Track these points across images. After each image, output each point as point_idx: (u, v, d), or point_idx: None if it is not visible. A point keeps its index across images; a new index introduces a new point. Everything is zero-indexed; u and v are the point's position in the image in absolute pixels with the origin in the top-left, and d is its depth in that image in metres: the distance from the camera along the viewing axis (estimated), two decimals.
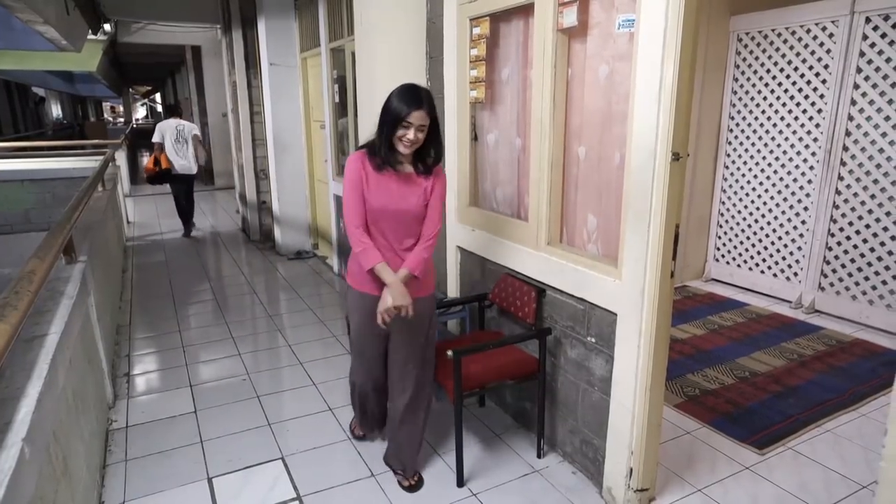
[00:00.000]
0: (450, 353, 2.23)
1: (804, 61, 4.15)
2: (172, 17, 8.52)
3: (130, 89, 32.92)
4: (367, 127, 3.43)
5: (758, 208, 4.64)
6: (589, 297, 2.26)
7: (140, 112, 45.70)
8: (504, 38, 2.74)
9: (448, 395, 2.37)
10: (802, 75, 4.17)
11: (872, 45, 3.74)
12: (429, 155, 2.17)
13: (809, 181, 4.23)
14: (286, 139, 6.03)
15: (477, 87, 2.84)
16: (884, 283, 3.87)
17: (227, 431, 2.85)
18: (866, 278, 3.97)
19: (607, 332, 2.21)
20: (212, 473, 2.52)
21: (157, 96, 34.17)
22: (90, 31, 8.10)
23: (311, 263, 5.98)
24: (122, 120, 36.45)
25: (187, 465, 2.58)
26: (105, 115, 40.69)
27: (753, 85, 4.52)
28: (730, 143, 4.78)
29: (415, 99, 2.02)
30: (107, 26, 8.76)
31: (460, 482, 2.41)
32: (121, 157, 9.74)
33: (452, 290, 3.30)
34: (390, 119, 2.04)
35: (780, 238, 4.50)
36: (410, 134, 2.03)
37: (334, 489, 2.41)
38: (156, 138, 6.84)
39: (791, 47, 4.22)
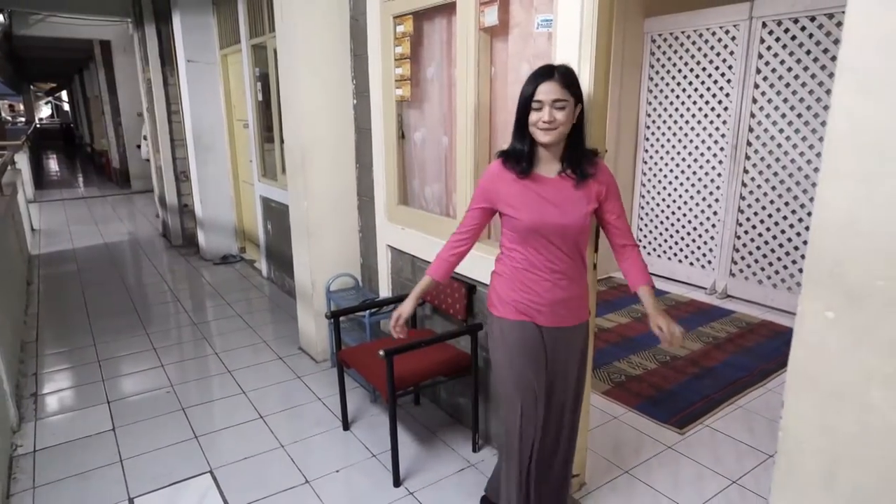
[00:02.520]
0: (381, 352, 2.22)
1: (711, 62, 4.42)
2: (76, 8, 7.96)
3: (32, 86, 30.48)
4: (292, 126, 3.36)
5: (674, 201, 4.90)
6: None
7: (44, 111, 42.42)
8: (428, 36, 2.75)
9: (382, 396, 2.35)
10: (710, 75, 4.44)
11: (769, 48, 4.04)
12: (580, 153, 1.69)
13: (719, 174, 4.51)
14: (208, 139, 5.78)
15: (402, 84, 2.84)
16: (785, 267, 4.20)
17: (149, 448, 2.70)
18: (770, 264, 4.28)
19: None
20: (133, 493, 2.39)
21: (64, 94, 31.84)
22: None
23: (239, 268, 5.77)
24: (22, 119, 33.72)
25: (106, 487, 2.43)
26: (2, 114, 37.51)
27: (667, 84, 4.77)
28: (647, 140, 5.02)
29: (542, 72, 1.59)
30: None
31: (397, 482, 2.41)
32: (22, 160, 9.01)
33: (384, 290, 3.29)
34: (519, 106, 1.63)
35: (694, 229, 4.78)
36: (545, 114, 1.56)
37: (268, 499, 2.34)
38: None
39: (699, 49, 4.48)
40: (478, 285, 2.55)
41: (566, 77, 1.59)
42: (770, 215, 4.22)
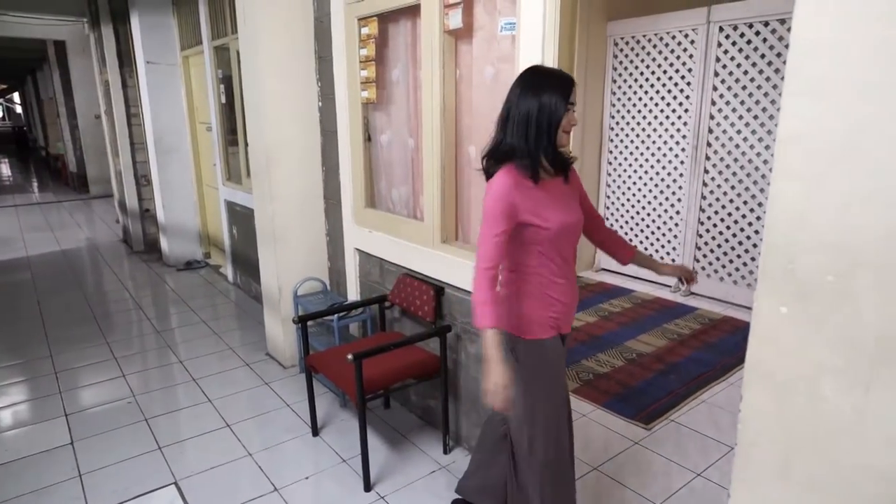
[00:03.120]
0: (349, 356, 2.20)
1: (672, 65, 4.53)
2: (28, 7, 7.68)
3: None
4: (256, 129, 3.31)
5: (638, 201, 5.00)
6: None
7: None
8: (393, 39, 2.75)
9: (351, 400, 2.34)
10: (671, 78, 4.55)
11: (726, 51, 4.16)
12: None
13: (681, 174, 4.62)
14: (169, 142, 5.65)
15: (368, 87, 2.83)
16: (744, 264, 4.33)
17: (110, 461, 2.62)
18: (731, 261, 4.41)
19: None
20: None
21: (16, 96, 30.65)
22: None
23: (204, 273, 5.65)
24: None
25: (64, 503, 2.34)
26: None
27: (630, 86, 4.87)
28: (612, 141, 5.11)
29: (568, 78, 1.60)
30: None
31: (367, 486, 2.39)
32: None
33: (352, 294, 3.26)
34: (550, 114, 1.56)
35: (658, 228, 4.89)
36: (573, 117, 1.61)
37: None
38: None
39: (660, 52, 4.59)
40: (446, 287, 2.55)
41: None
42: (730, 214, 4.35)
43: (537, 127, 1.58)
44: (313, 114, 3.36)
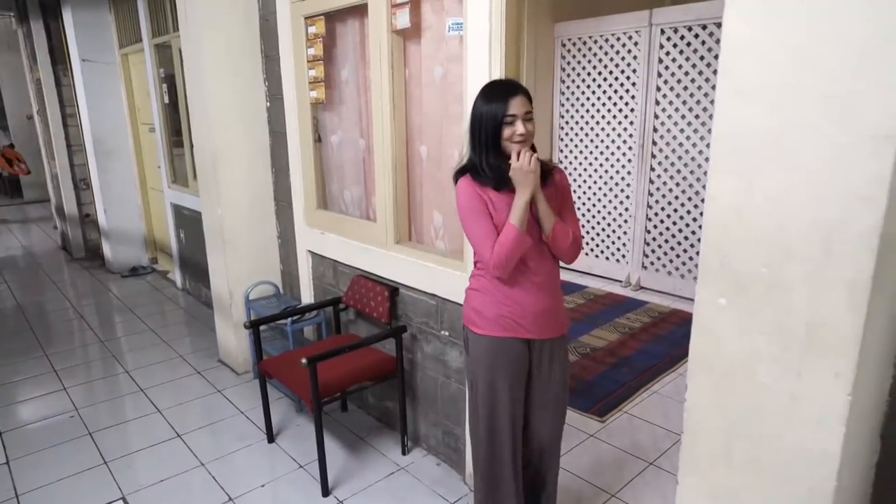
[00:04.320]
0: (303, 360, 2.17)
1: (617, 66, 4.65)
2: None
3: None
4: (202, 130, 3.21)
5: (589, 199, 5.11)
6: (440, 293, 2.32)
7: None
8: (341, 38, 2.72)
9: (307, 405, 2.30)
10: (616, 78, 4.67)
11: (667, 53, 4.30)
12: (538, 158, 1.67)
13: (629, 172, 4.75)
14: (110, 144, 5.42)
15: (316, 87, 2.79)
16: (690, 259, 4.49)
17: (50, 479, 2.49)
18: (677, 256, 4.57)
19: (460, 324, 2.29)
20: None
21: None
22: None
23: (150, 279, 5.45)
24: None
25: None
26: None
27: (578, 87, 4.97)
28: (561, 140, 5.21)
29: (508, 87, 1.62)
30: None
31: (325, 492, 2.36)
32: None
33: (306, 296, 3.21)
34: (488, 124, 1.60)
35: (608, 225, 5.01)
36: (519, 127, 1.59)
37: None
38: None
39: (606, 53, 4.70)
40: (400, 287, 2.54)
41: (526, 90, 1.64)
42: (675, 210, 4.50)
43: (479, 136, 1.63)
44: (261, 114, 3.29)
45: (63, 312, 4.63)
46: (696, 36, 4.11)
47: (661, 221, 4.60)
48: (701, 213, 4.34)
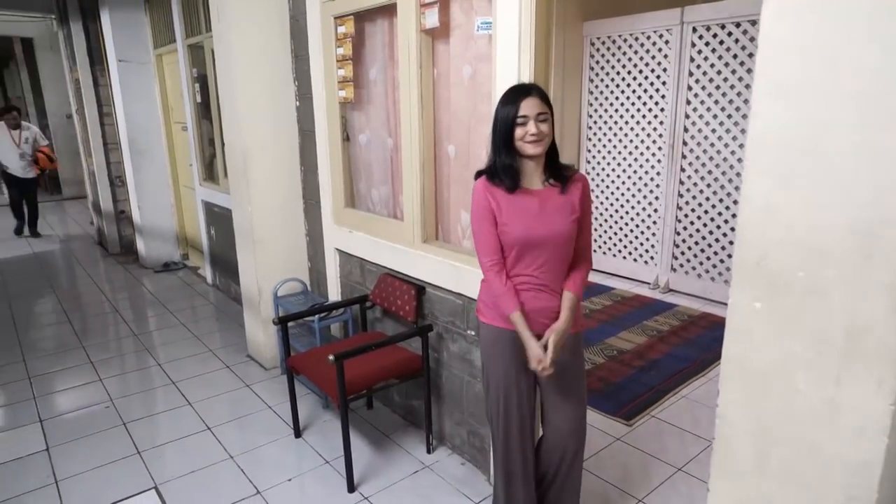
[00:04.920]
0: (331, 357, 2.19)
1: (647, 65, 4.59)
2: None
3: None
4: (232, 128, 3.27)
5: (617, 199, 5.05)
6: (466, 292, 2.32)
7: None
8: (370, 38, 2.74)
9: (333, 401, 2.33)
10: (647, 77, 4.61)
11: (699, 51, 4.23)
12: (559, 163, 1.75)
13: (658, 173, 4.68)
14: (144, 142, 5.55)
15: (345, 86, 2.81)
16: (721, 261, 4.40)
17: (88, 466, 2.57)
18: (708, 258, 4.48)
19: None
20: None
21: None
22: None
23: (182, 275, 5.57)
24: None
25: None
26: None
27: (607, 86, 4.91)
28: (590, 140, 5.16)
29: (520, 90, 1.67)
30: None
31: (351, 487, 2.38)
32: None
33: (333, 294, 3.25)
34: (501, 125, 1.67)
35: (637, 226, 4.95)
36: (531, 127, 1.63)
37: None
38: None
39: (636, 52, 4.64)
40: (427, 286, 2.55)
41: (542, 92, 1.68)
42: (706, 211, 4.42)
43: (494, 138, 1.71)
44: (291, 113, 3.33)
45: (99, 306, 4.77)
46: (730, 34, 4.03)
47: (692, 223, 4.52)
48: (733, 215, 4.25)
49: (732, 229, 4.28)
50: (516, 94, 1.66)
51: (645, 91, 4.63)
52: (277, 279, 3.39)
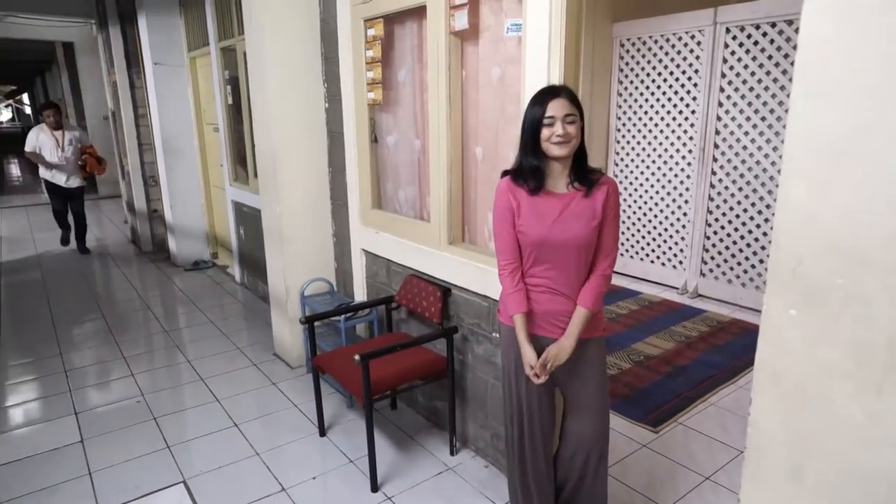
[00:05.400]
0: (356, 357, 2.21)
1: (678, 66, 4.51)
2: (36, 9, 7.74)
3: None
4: (263, 130, 3.33)
5: (645, 202, 4.98)
6: (492, 294, 2.31)
7: (4, 115, 41.12)
8: (399, 40, 2.75)
9: (358, 401, 2.34)
10: (677, 79, 4.54)
11: (733, 52, 4.14)
12: (586, 166, 1.72)
13: (688, 176, 4.60)
14: (176, 143, 5.68)
15: (374, 88, 2.83)
16: (752, 267, 4.30)
17: (120, 459, 2.64)
18: (739, 263, 4.39)
19: None
20: None
21: (25, 97, 30.90)
22: None
23: (211, 274, 5.68)
24: None
25: (74, 501, 2.36)
26: None
27: (636, 88, 4.85)
28: (618, 142, 5.10)
29: (549, 91, 1.67)
30: None
31: (374, 487, 2.39)
32: None
33: (359, 294, 3.27)
34: (529, 126, 1.67)
35: (665, 230, 4.87)
36: (558, 128, 1.62)
37: None
38: None
39: (667, 53, 4.57)
40: (453, 288, 2.55)
41: (572, 93, 1.67)
42: (738, 216, 4.33)
43: (522, 138, 1.71)
44: (320, 115, 3.37)
45: (131, 302, 4.89)
46: (765, 34, 3.94)
47: (722, 227, 4.43)
48: (766, 220, 4.15)
49: (765, 234, 4.18)
50: (545, 95, 1.66)
51: (675, 93, 4.56)
52: (304, 279, 3.43)
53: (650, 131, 4.82)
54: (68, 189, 6.12)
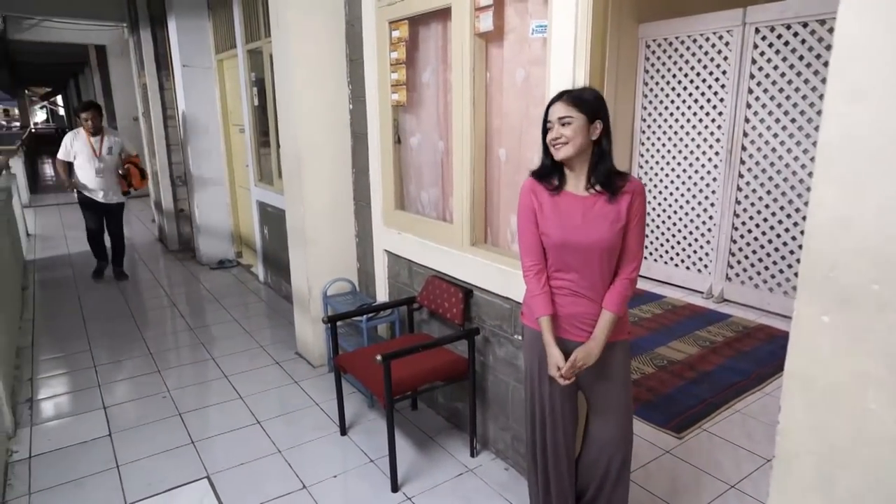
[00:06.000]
0: (378, 357, 2.22)
1: (705, 67, 4.45)
2: (71, 13, 7.95)
3: (27, 91, 30.41)
4: (288, 131, 3.36)
5: (670, 205, 4.92)
6: (514, 296, 2.30)
7: (39, 116, 42.32)
8: (423, 42, 2.76)
9: (379, 401, 2.35)
10: (704, 80, 4.47)
11: (762, 53, 4.07)
12: (606, 169, 1.68)
13: (714, 179, 4.53)
14: (203, 143, 5.78)
15: (398, 90, 2.85)
16: (780, 271, 4.21)
17: (146, 453, 2.69)
18: (766, 268, 4.30)
19: None
20: (130, 499, 2.37)
21: (59, 99, 31.77)
22: None
23: (235, 272, 5.76)
24: (17, 124, 33.61)
25: (102, 494, 2.42)
26: None
27: (662, 89, 4.79)
28: (643, 144, 5.04)
29: (555, 95, 1.69)
30: None
31: (395, 487, 2.40)
32: (17, 165, 8.99)
33: (381, 295, 3.29)
34: (543, 128, 1.71)
35: (690, 233, 4.80)
36: (553, 131, 1.65)
37: None
38: None
39: (693, 54, 4.51)
40: (474, 290, 2.55)
41: (574, 96, 1.66)
42: (765, 219, 4.24)
43: (543, 140, 1.74)
44: (344, 116, 3.40)
45: (158, 300, 4.99)
46: (796, 34, 3.86)
47: (749, 231, 4.35)
48: (795, 224, 4.06)
49: (794, 238, 4.09)
50: (551, 100, 1.70)
51: (703, 94, 4.50)
52: (327, 279, 3.46)
53: (675, 133, 4.75)
54: (106, 205, 5.18)
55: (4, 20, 8.72)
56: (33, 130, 25.57)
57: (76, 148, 5.09)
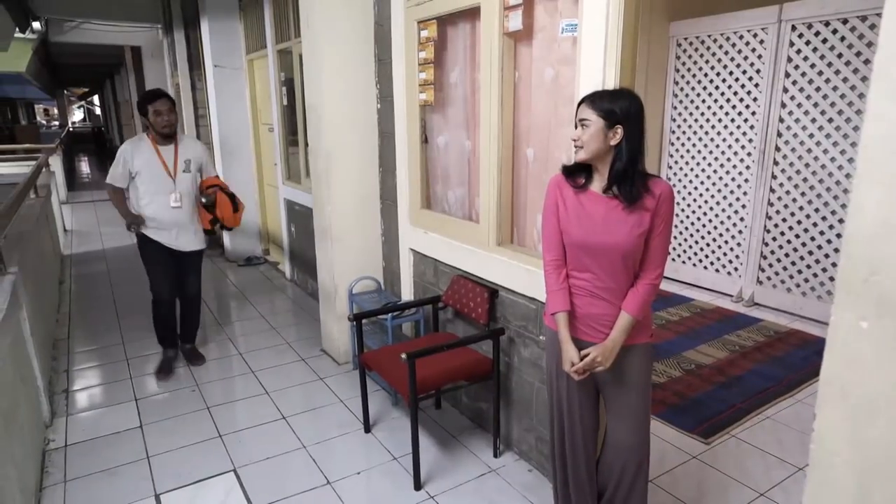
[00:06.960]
0: (403, 356, 2.23)
1: (738, 66, 4.35)
2: (109, 15, 8.18)
3: (66, 91, 31.38)
4: (317, 131, 3.40)
5: (700, 206, 4.83)
6: (539, 296, 2.29)
7: (77, 115, 43.62)
8: (452, 41, 2.76)
9: (403, 399, 2.36)
10: (737, 79, 4.37)
11: (798, 51, 3.96)
12: (627, 173, 1.62)
13: (746, 180, 4.43)
14: (233, 142, 5.88)
15: (426, 89, 2.85)
16: (815, 275, 4.10)
17: (175, 445, 2.75)
18: (799, 272, 4.19)
19: None
20: (160, 490, 2.43)
21: (96, 98, 32.70)
22: (17, 30, 7.67)
23: (263, 270, 5.85)
24: (56, 123, 34.68)
25: (133, 483, 2.48)
26: (38, 119, 38.67)
27: (693, 88, 4.71)
28: (672, 145, 4.96)
29: (586, 94, 1.68)
30: (36, 24, 8.30)
31: (417, 485, 2.41)
32: (56, 163, 9.27)
33: (406, 293, 3.30)
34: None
35: (720, 235, 4.70)
36: (574, 132, 1.67)
37: (290, 499, 2.36)
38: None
39: (726, 52, 4.42)
40: (500, 290, 2.54)
41: (596, 98, 1.63)
42: (799, 222, 4.13)
43: None
44: (372, 116, 3.42)
45: None
46: (835, 32, 3.75)
47: (782, 234, 4.24)
48: (830, 227, 3.95)
49: (829, 241, 3.98)
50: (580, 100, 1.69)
51: (735, 94, 4.40)
52: (353, 277, 3.49)
53: (706, 133, 4.66)
54: (180, 253, 3.42)
55: (46, 23, 9.02)
56: (71, 129, 26.37)
57: (138, 164, 3.18)
